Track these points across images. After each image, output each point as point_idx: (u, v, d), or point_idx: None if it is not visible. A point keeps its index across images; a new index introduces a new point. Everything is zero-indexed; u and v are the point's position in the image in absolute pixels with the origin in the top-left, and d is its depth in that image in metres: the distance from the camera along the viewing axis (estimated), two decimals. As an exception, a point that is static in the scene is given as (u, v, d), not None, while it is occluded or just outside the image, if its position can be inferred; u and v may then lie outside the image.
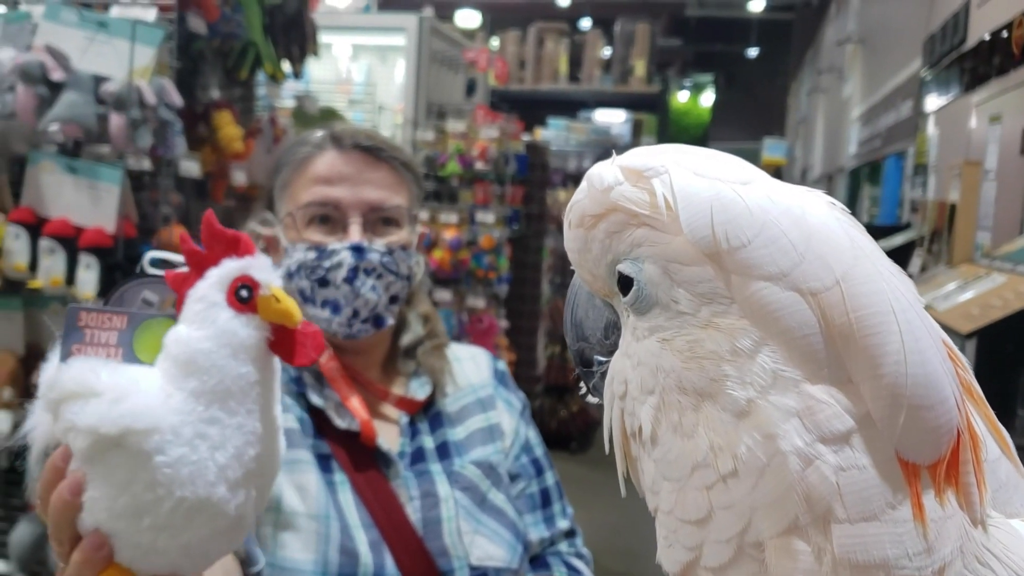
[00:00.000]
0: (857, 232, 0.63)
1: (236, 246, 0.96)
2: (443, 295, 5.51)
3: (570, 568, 1.74)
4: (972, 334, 2.61)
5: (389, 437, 1.66)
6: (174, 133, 2.77)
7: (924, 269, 4.18)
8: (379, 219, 1.66)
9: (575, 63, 11.76)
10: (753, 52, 17.12)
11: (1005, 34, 3.54)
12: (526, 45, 11.51)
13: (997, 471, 0.64)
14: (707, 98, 17.20)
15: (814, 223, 0.62)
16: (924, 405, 0.58)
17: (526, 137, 6.75)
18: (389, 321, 1.68)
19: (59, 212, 2.72)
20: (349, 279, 1.61)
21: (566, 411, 7.44)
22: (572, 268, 0.74)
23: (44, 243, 2.68)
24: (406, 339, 1.76)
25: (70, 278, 2.69)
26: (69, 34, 2.71)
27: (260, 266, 0.96)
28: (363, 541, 1.53)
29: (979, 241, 3.70)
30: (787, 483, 0.58)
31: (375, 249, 1.63)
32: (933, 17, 5.38)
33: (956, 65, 4.36)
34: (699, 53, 16.73)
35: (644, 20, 11.79)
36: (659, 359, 0.65)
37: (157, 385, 0.92)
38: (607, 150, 0.71)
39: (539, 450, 1.81)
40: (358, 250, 1.62)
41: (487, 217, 5.64)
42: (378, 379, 1.72)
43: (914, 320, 0.60)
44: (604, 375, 0.72)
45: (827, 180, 11.37)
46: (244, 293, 0.94)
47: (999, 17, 3.73)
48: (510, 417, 1.79)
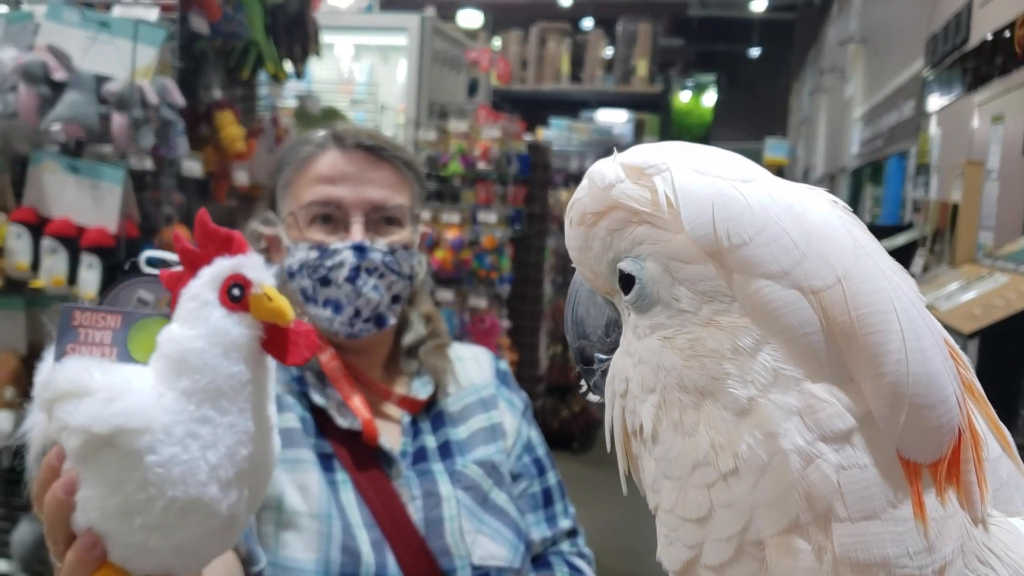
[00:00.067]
0: (859, 230, 0.63)
1: (229, 245, 0.96)
2: (445, 295, 5.51)
3: (572, 567, 1.74)
4: (974, 334, 2.61)
5: (391, 436, 1.66)
6: (176, 133, 2.77)
7: (926, 269, 4.17)
8: (381, 218, 1.66)
9: (577, 63, 11.75)
10: (755, 52, 17.09)
11: (1007, 34, 3.54)
12: (528, 45, 11.50)
13: (998, 470, 0.64)
14: (709, 98, 17.18)
15: (815, 221, 0.62)
16: (925, 404, 0.58)
17: (528, 137, 6.75)
18: (391, 320, 1.68)
19: (61, 212, 2.72)
20: (351, 278, 1.61)
21: (568, 411, 7.44)
22: (573, 266, 0.74)
23: (46, 243, 2.68)
24: (408, 339, 1.76)
25: (72, 278, 2.69)
26: (71, 34, 2.71)
27: (252, 264, 0.96)
28: (365, 540, 1.53)
29: (981, 241, 3.70)
30: (788, 481, 0.58)
31: (377, 248, 1.63)
32: (935, 17, 5.37)
33: (958, 65, 4.35)
34: (701, 53, 16.71)
35: (646, 20, 11.78)
36: (660, 357, 0.65)
37: (149, 384, 0.92)
38: (609, 150, 0.71)
39: (541, 450, 1.81)
40: (360, 249, 1.62)
41: (489, 217, 5.63)
42: (380, 378, 1.72)
43: (916, 319, 0.60)
44: (605, 373, 0.72)
45: (829, 180, 11.35)
46: (236, 292, 0.94)
47: (1001, 17, 3.72)
48: (512, 417, 1.78)
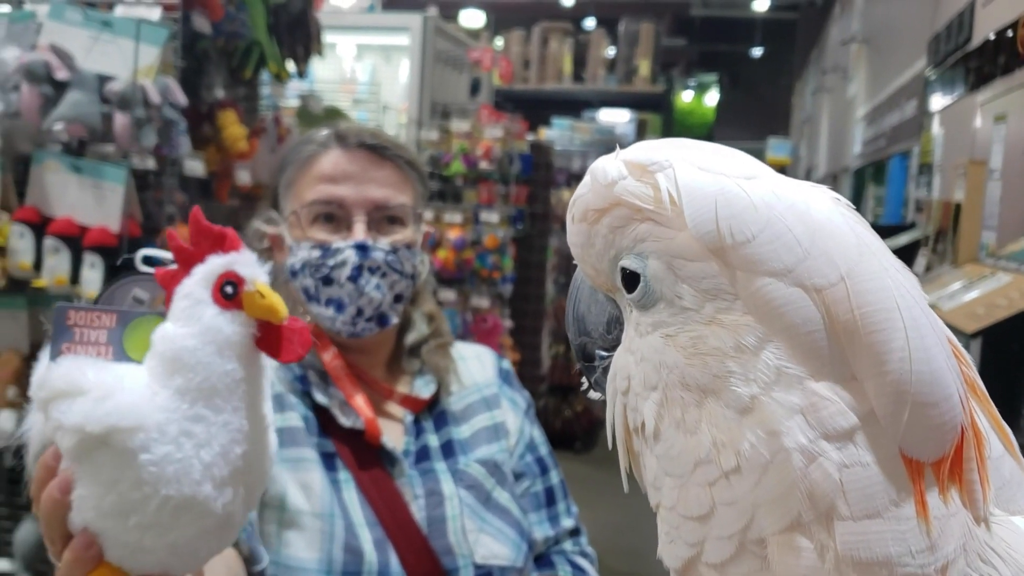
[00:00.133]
0: (862, 228, 0.63)
1: (222, 242, 0.95)
2: (447, 295, 5.51)
3: (575, 567, 1.74)
4: (977, 333, 2.61)
5: (394, 435, 1.66)
6: (178, 132, 2.77)
7: (929, 269, 4.17)
8: (384, 217, 1.66)
9: (579, 63, 11.73)
10: (757, 52, 17.08)
11: (1010, 33, 3.53)
12: (530, 45, 11.48)
13: (1000, 468, 0.64)
14: (711, 98, 17.18)
15: (819, 219, 0.62)
16: (928, 402, 0.58)
17: (530, 137, 6.74)
18: (393, 320, 1.68)
19: (64, 211, 2.72)
20: (353, 277, 1.61)
21: (570, 411, 7.44)
22: (575, 263, 0.74)
23: (48, 242, 2.69)
24: (411, 338, 1.76)
25: (74, 277, 2.69)
26: (73, 33, 2.71)
27: (245, 262, 0.95)
28: (368, 539, 1.53)
29: (984, 241, 3.69)
30: (790, 480, 0.58)
31: (379, 248, 1.63)
32: (938, 16, 5.36)
33: (961, 64, 4.34)
34: (703, 53, 16.70)
35: (648, 20, 11.75)
36: (662, 355, 0.64)
37: (143, 383, 0.91)
38: (611, 150, 0.70)
39: (544, 449, 1.81)
40: (362, 248, 1.62)
41: (491, 217, 5.63)
42: (383, 378, 1.72)
43: (919, 317, 0.59)
44: (606, 370, 0.72)
45: (831, 180, 11.34)
46: (229, 289, 0.94)
47: (1004, 16, 3.72)
48: (515, 416, 1.78)
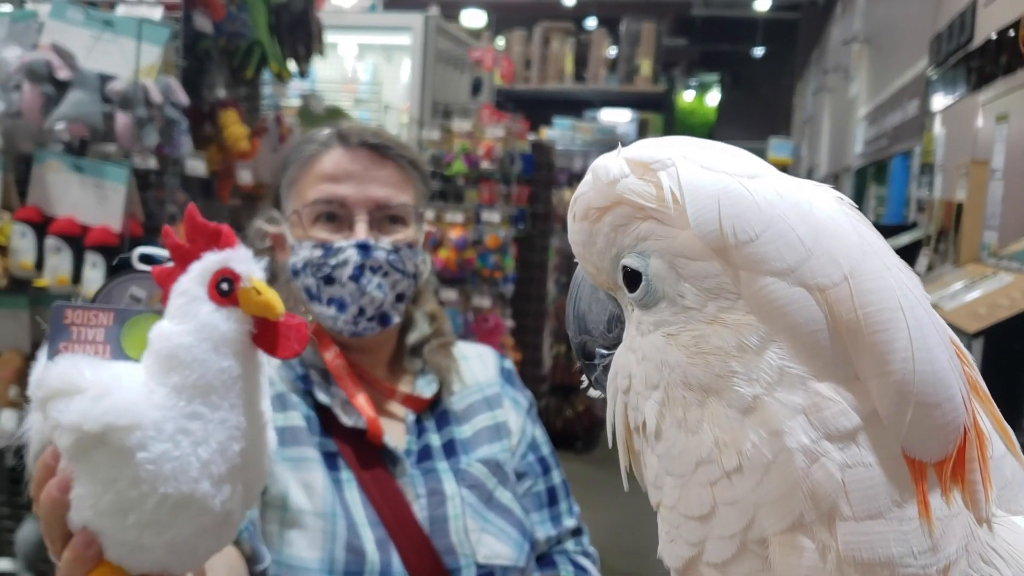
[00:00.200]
0: (865, 227, 0.63)
1: (218, 239, 0.95)
2: (449, 295, 5.51)
3: (576, 566, 1.74)
4: (979, 333, 2.61)
5: (395, 435, 1.66)
6: (180, 132, 2.77)
7: (931, 268, 4.17)
8: (385, 217, 1.66)
9: (581, 62, 11.72)
10: (759, 52, 17.07)
11: (1012, 33, 3.53)
12: (532, 44, 11.47)
13: (1002, 469, 0.63)
14: (713, 97, 17.18)
15: (822, 218, 0.61)
16: (931, 403, 0.58)
17: (532, 136, 6.74)
18: (395, 319, 1.68)
19: (65, 211, 2.72)
20: (355, 277, 1.61)
21: (572, 411, 7.44)
22: (576, 261, 0.74)
23: (50, 242, 2.69)
24: (412, 337, 1.76)
25: (76, 277, 2.69)
26: (75, 33, 2.71)
27: (241, 258, 0.95)
28: (370, 539, 1.53)
29: (986, 240, 3.69)
30: (792, 480, 0.58)
31: (381, 247, 1.63)
32: (939, 16, 5.36)
33: (963, 64, 4.34)
34: (705, 53, 16.69)
35: (650, 20, 11.74)
36: (664, 354, 0.64)
37: (140, 381, 0.91)
38: (612, 149, 0.70)
39: (546, 448, 1.81)
40: (364, 248, 1.62)
41: (493, 216, 5.63)
42: (384, 377, 1.72)
43: (922, 317, 0.59)
44: (606, 369, 0.72)
45: (833, 179, 11.32)
46: (225, 286, 0.93)
47: (1006, 16, 3.71)
48: (517, 415, 1.78)
